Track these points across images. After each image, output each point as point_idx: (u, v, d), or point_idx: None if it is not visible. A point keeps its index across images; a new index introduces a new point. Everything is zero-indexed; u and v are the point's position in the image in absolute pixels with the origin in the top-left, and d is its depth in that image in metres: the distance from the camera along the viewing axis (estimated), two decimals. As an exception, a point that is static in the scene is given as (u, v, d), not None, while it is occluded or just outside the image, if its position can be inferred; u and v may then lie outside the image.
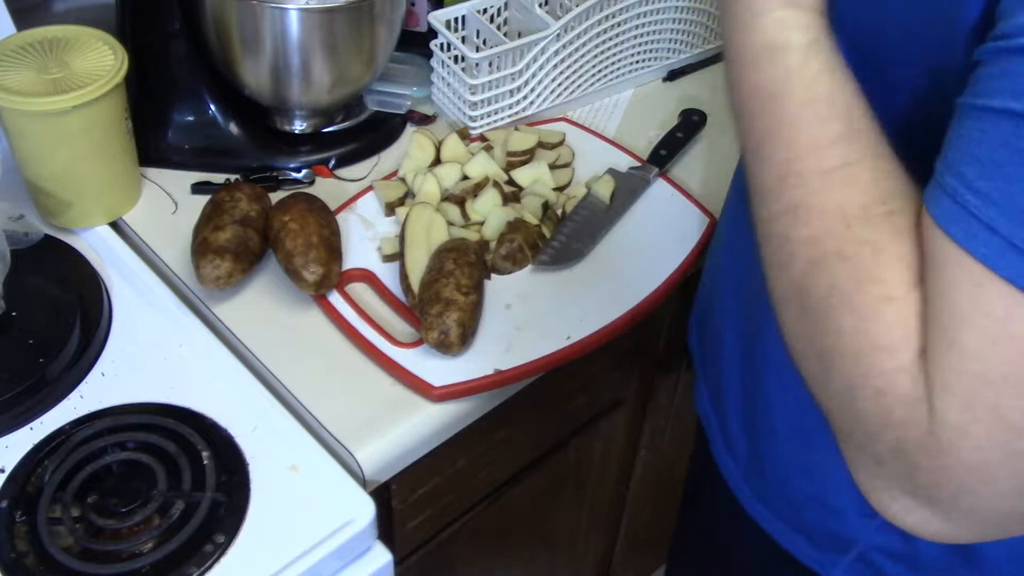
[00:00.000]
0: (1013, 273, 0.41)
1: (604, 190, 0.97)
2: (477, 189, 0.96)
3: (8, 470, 0.74)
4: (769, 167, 0.52)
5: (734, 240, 0.73)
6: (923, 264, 0.45)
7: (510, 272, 0.91)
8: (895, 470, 0.47)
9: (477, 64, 1.01)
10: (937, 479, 0.45)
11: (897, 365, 0.45)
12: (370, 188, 0.98)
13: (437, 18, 1.03)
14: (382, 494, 0.83)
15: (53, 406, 0.78)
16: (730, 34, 0.54)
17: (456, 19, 1.06)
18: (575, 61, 1.07)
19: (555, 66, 1.05)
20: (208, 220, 0.87)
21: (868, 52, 0.53)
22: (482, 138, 1.04)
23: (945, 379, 0.44)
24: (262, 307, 0.87)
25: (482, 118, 1.04)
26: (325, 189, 0.99)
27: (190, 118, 0.99)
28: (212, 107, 0.99)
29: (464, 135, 1.03)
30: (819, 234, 0.49)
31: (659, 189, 1.01)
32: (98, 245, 0.91)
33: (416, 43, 1.10)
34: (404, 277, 0.88)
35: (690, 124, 1.07)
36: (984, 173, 0.42)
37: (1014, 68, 0.42)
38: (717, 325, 0.77)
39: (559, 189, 0.99)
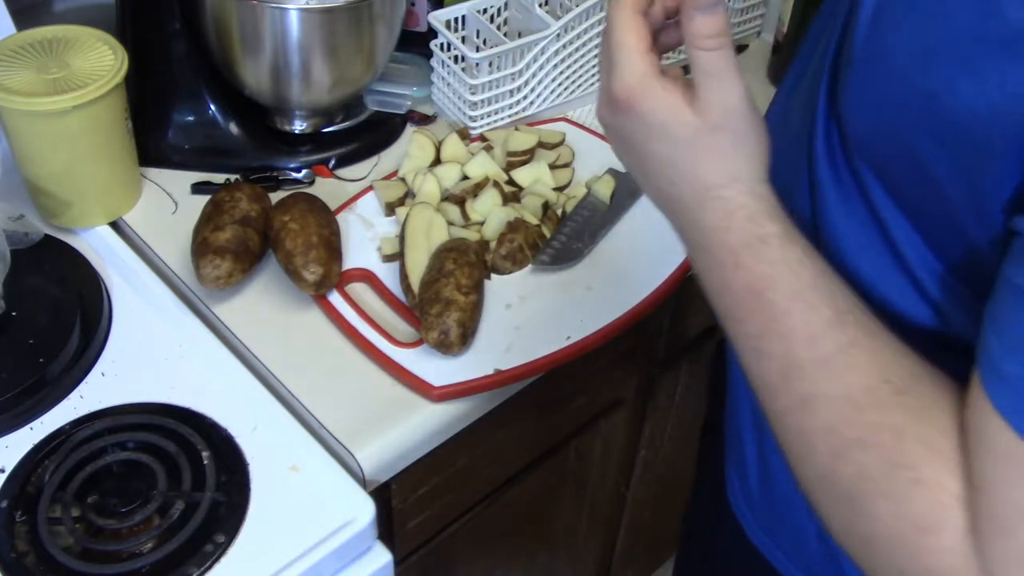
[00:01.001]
0: None
1: (604, 190, 0.97)
2: (477, 189, 0.96)
3: (8, 470, 0.74)
4: (769, 363, 0.51)
5: None
6: (971, 444, 0.44)
7: (510, 272, 0.91)
8: None
9: (477, 64, 1.01)
10: None
11: (943, 545, 0.45)
12: (370, 188, 0.98)
13: (437, 18, 1.03)
14: (382, 494, 0.83)
15: (53, 406, 0.78)
16: (699, 238, 0.53)
17: (456, 19, 1.06)
18: (575, 61, 1.07)
19: (555, 66, 1.05)
20: (208, 220, 0.87)
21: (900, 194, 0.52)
22: (482, 138, 1.04)
23: (1004, 565, 0.43)
24: (262, 307, 0.87)
25: (482, 118, 1.04)
26: (325, 189, 0.99)
27: (190, 118, 0.99)
28: (212, 107, 0.99)
29: (464, 135, 1.03)
30: (834, 422, 0.48)
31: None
32: (98, 245, 0.91)
33: (416, 43, 1.10)
34: (404, 277, 0.88)
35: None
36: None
37: None
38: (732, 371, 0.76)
39: (559, 189, 0.99)
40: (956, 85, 0.44)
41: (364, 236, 0.93)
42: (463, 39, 1.06)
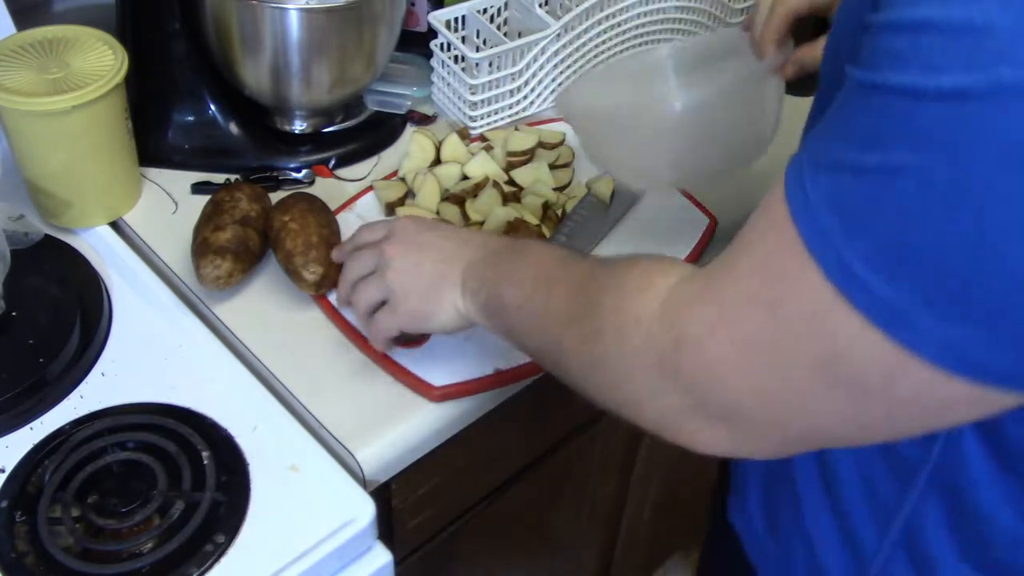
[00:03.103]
0: (800, 219, 0.44)
1: (604, 190, 0.97)
2: (477, 189, 0.96)
3: (8, 470, 0.74)
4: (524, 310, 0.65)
5: None
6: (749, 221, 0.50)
7: (510, 272, 0.91)
8: (665, 385, 0.52)
9: (477, 64, 1.01)
10: (695, 375, 0.50)
11: (653, 296, 0.53)
12: (370, 188, 0.98)
13: (437, 18, 1.03)
14: (382, 494, 0.83)
15: (53, 406, 0.78)
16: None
17: (456, 19, 1.06)
18: (575, 61, 1.07)
19: (555, 66, 1.05)
20: (208, 220, 0.87)
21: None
22: (482, 138, 1.04)
23: (710, 290, 0.50)
24: (262, 307, 0.87)
25: (482, 118, 1.04)
26: (325, 189, 0.99)
27: (190, 118, 0.99)
28: (212, 107, 0.99)
29: (464, 135, 1.03)
30: (567, 293, 0.61)
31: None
32: (98, 245, 0.91)
33: (416, 43, 1.10)
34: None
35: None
36: (815, 135, 0.45)
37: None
38: None
39: (559, 189, 0.99)
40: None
41: (364, 236, 0.93)
42: (463, 39, 1.06)
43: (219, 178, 0.99)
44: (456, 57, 1.03)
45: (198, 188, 0.98)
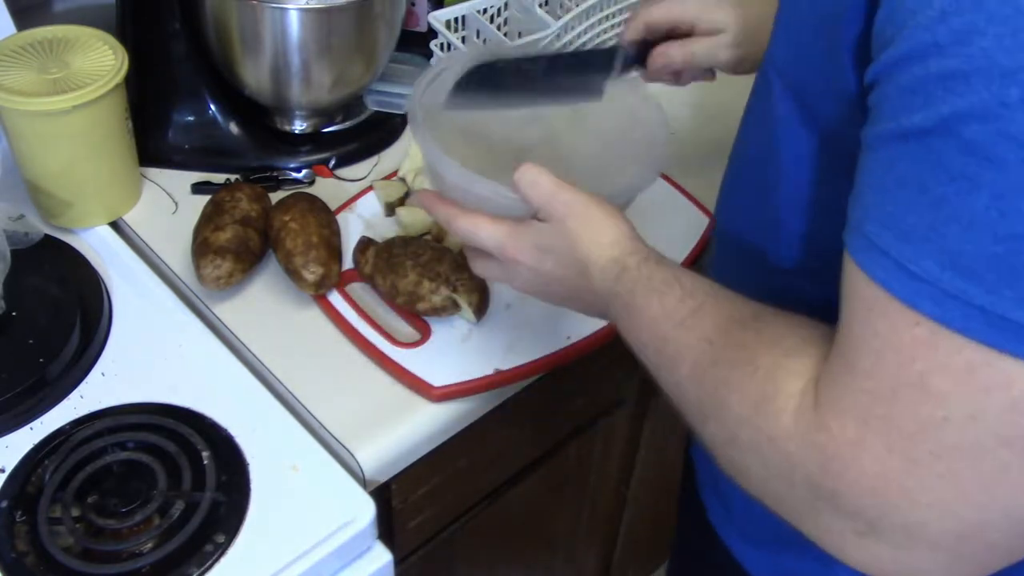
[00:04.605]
0: (904, 292, 0.42)
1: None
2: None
3: (8, 470, 0.74)
4: (646, 350, 0.60)
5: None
6: (843, 311, 0.47)
7: (510, 272, 0.91)
8: (821, 506, 0.47)
9: (477, 64, 1.01)
10: (858, 499, 0.45)
11: (779, 407, 0.48)
12: (370, 188, 0.98)
13: (437, 18, 1.03)
14: (382, 494, 0.83)
15: (53, 406, 0.78)
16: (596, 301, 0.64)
17: (456, 19, 1.06)
18: (575, 61, 1.07)
19: (555, 66, 1.05)
20: (208, 220, 0.87)
21: (799, 90, 0.56)
22: (482, 138, 1.04)
23: (841, 401, 0.45)
24: (262, 307, 0.87)
25: (482, 118, 1.04)
26: (325, 189, 0.99)
27: (190, 118, 0.99)
28: (212, 107, 0.99)
29: (464, 135, 1.03)
30: (696, 359, 0.55)
31: (659, 189, 1.01)
32: (98, 245, 0.91)
33: (416, 43, 1.10)
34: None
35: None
36: (877, 201, 0.43)
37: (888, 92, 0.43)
38: None
39: (559, 189, 0.99)
40: None
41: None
42: (463, 39, 1.06)
43: (219, 178, 0.99)
44: (456, 57, 1.03)
45: (198, 188, 0.98)
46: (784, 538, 0.69)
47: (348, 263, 0.90)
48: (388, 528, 0.88)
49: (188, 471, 0.73)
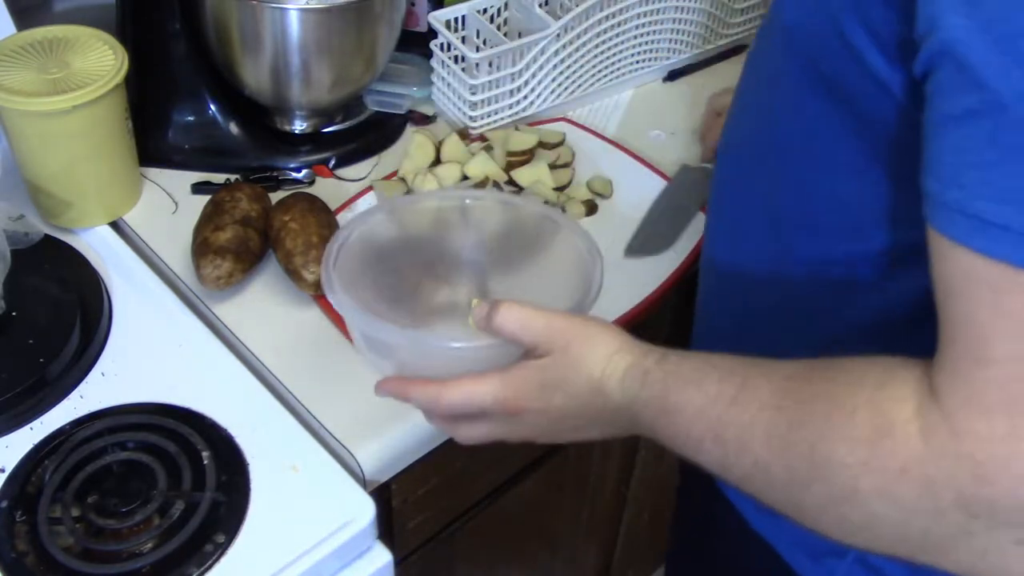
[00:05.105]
0: None
1: (605, 189, 0.97)
2: (477, 189, 0.96)
3: (8, 470, 0.74)
4: (703, 444, 0.54)
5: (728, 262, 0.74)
6: (940, 297, 0.45)
7: (510, 272, 0.91)
8: (975, 526, 0.44)
9: (477, 64, 1.01)
10: (1018, 499, 0.43)
11: (897, 438, 0.45)
12: (370, 188, 0.98)
13: (437, 18, 1.03)
14: (382, 494, 0.83)
15: (53, 406, 0.78)
16: (617, 418, 0.59)
17: (456, 19, 1.06)
18: (575, 61, 1.07)
19: (555, 66, 1.05)
20: (208, 220, 0.87)
21: (816, 60, 0.55)
22: (482, 138, 1.04)
23: (981, 398, 0.43)
24: (262, 307, 0.87)
25: (482, 118, 1.04)
26: (325, 189, 0.99)
27: (190, 118, 0.99)
28: (212, 107, 0.99)
29: (464, 135, 1.03)
30: (768, 432, 0.50)
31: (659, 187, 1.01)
32: (98, 245, 0.91)
33: (416, 43, 1.10)
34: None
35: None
36: (983, 177, 0.42)
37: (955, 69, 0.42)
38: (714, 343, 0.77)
39: (559, 189, 0.99)
40: None
41: (364, 236, 0.93)
42: (463, 39, 1.06)
43: (219, 178, 0.99)
44: (456, 57, 1.03)
45: (198, 188, 0.98)
46: None
47: (348, 263, 0.90)
48: (388, 528, 0.88)
49: (188, 471, 0.73)
